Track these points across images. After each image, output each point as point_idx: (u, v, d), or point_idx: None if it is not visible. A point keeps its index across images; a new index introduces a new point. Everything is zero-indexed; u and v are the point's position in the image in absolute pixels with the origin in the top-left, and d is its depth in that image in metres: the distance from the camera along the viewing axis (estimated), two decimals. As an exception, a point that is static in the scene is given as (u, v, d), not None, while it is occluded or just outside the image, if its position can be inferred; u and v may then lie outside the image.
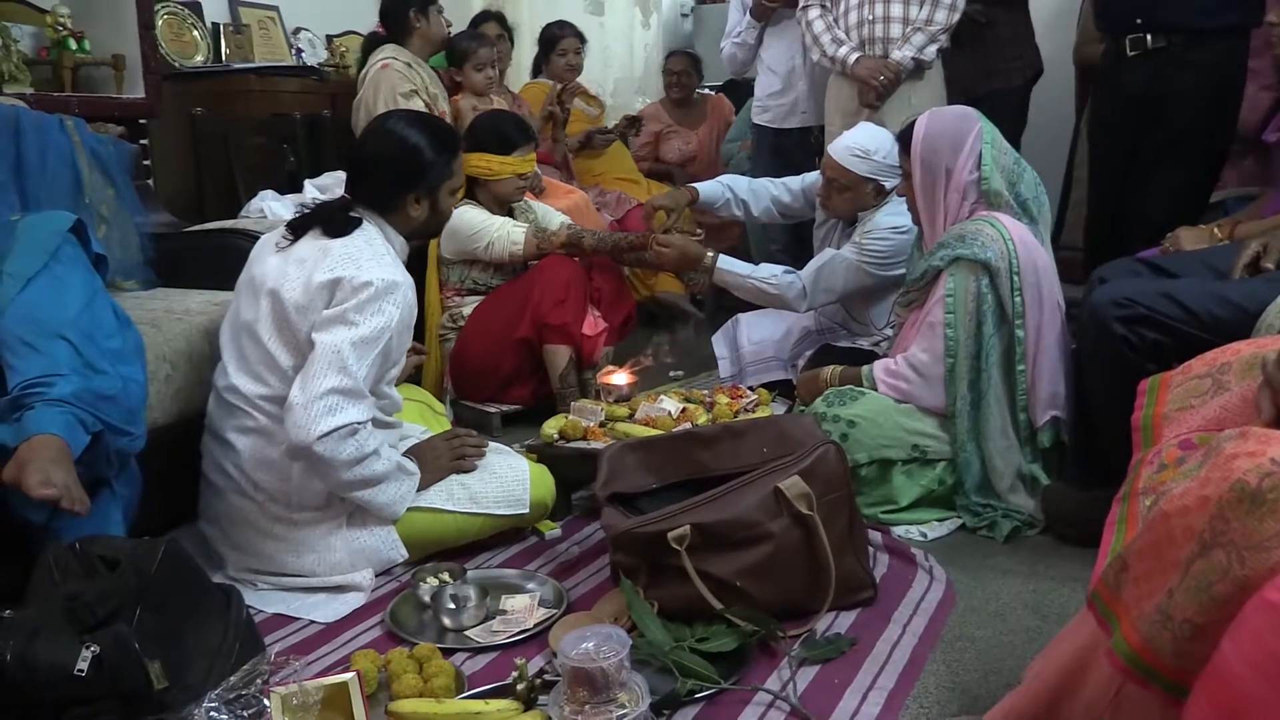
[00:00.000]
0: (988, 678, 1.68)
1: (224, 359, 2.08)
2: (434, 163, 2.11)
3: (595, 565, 2.13)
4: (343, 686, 1.51)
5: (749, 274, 2.90)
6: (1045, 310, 2.30)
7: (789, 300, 2.85)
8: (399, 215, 2.13)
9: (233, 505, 2.06)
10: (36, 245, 1.79)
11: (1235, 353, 1.26)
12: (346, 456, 1.91)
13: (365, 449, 1.94)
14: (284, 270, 2.01)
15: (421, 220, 2.16)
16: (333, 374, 1.90)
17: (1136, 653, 1.06)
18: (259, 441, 2.02)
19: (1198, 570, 0.99)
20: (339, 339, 1.91)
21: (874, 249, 2.75)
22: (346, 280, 1.95)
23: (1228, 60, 2.95)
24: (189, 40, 3.84)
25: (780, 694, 1.62)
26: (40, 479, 1.49)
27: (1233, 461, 0.99)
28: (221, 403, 2.07)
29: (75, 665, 1.35)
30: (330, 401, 1.89)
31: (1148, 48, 3.00)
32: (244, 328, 2.04)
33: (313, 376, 1.90)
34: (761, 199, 3.17)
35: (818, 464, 1.86)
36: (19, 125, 2.40)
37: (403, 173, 2.10)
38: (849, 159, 2.78)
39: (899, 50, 3.22)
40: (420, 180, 2.11)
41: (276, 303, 1.99)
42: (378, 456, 1.98)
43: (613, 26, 5.81)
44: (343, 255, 1.99)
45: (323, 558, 2.03)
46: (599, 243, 3.12)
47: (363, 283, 1.94)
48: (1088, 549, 1.73)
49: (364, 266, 1.97)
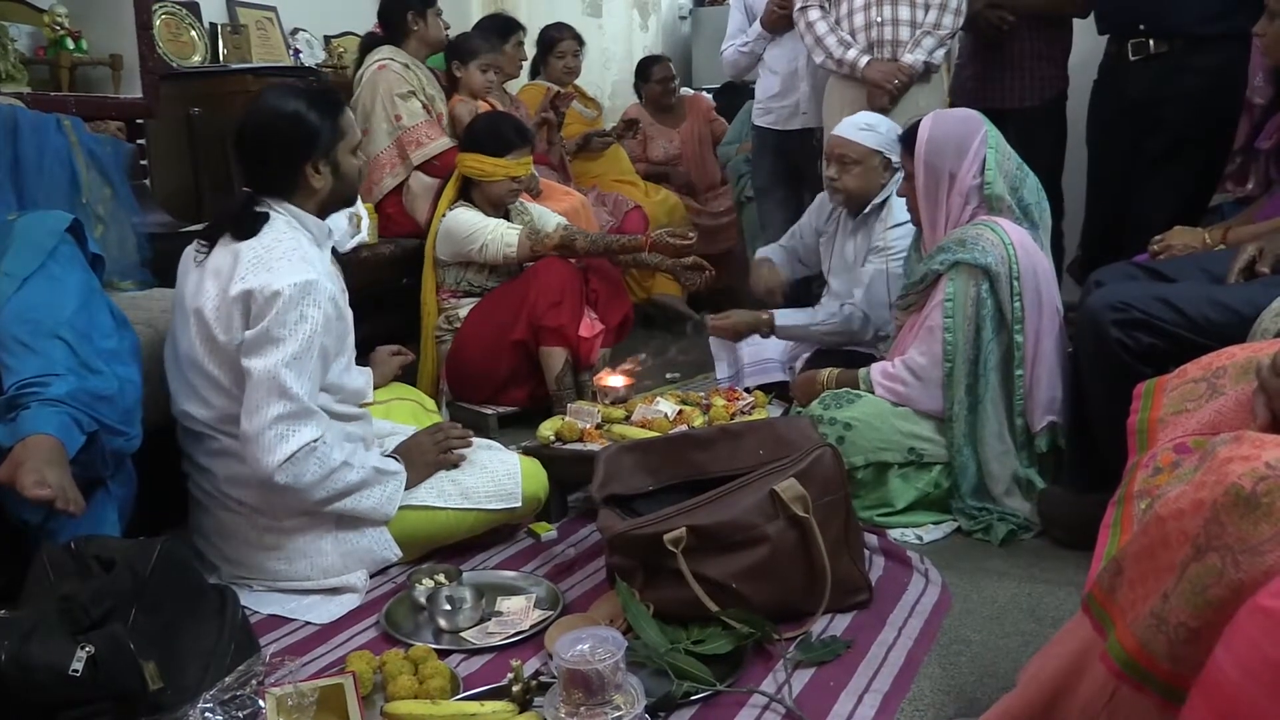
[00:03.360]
0: (983, 680, 1.68)
1: (171, 387, 2.03)
2: (319, 125, 2.00)
3: (591, 567, 2.13)
4: (338, 688, 1.51)
5: (809, 322, 2.92)
6: (1044, 315, 2.30)
7: (855, 332, 2.85)
8: (302, 192, 2.03)
9: (220, 520, 2.04)
10: (33, 245, 1.78)
11: (1230, 357, 1.26)
12: (311, 477, 1.89)
13: (330, 463, 1.91)
14: (201, 285, 1.95)
15: (328, 189, 2.05)
16: (274, 401, 1.85)
17: (1131, 656, 1.06)
18: (229, 461, 1.98)
19: (1192, 574, 0.99)
20: (270, 363, 1.85)
21: (899, 246, 2.77)
22: (257, 292, 1.87)
23: (1228, 65, 2.96)
24: (186, 40, 3.83)
25: (776, 696, 1.62)
26: (35, 479, 1.49)
27: (1227, 465, 0.99)
28: (183, 429, 2.04)
29: (70, 666, 1.35)
30: (279, 430, 1.85)
31: (1150, 52, 3.01)
32: (183, 355, 1.99)
33: (256, 408, 1.86)
34: (790, 255, 3.23)
35: (814, 466, 1.86)
36: (16, 125, 2.39)
37: (290, 144, 1.99)
38: (857, 133, 2.82)
39: (910, 54, 3.21)
40: (311, 147, 2.00)
41: (201, 322, 1.93)
42: (348, 467, 1.95)
43: (611, 28, 5.81)
44: (252, 261, 1.90)
45: (315, 563, 2.02)
46: (591, 244, 3.11)
47: (273, 293, 1.86)
48: (1083, 552, 1.73)
49: (274, 270, 1.88)
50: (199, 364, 1.95)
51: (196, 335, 1.95)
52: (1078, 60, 3.53)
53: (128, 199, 2.64)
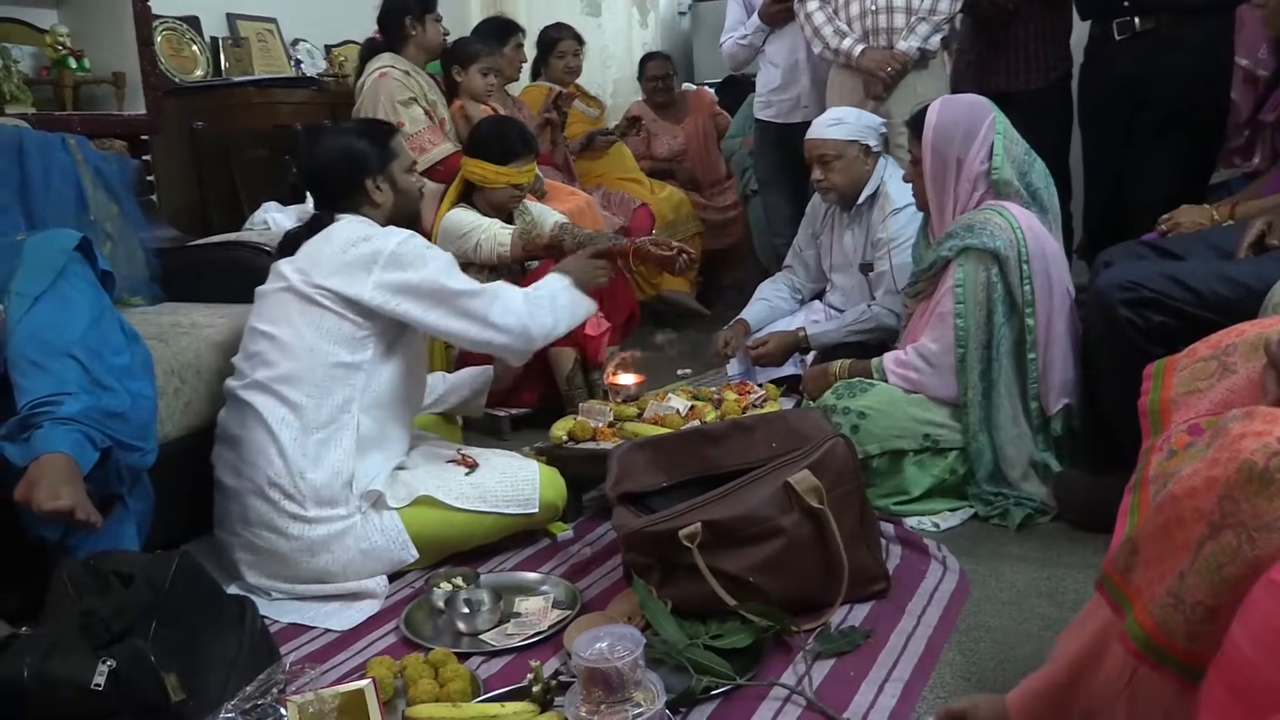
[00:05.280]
0: (1003, 666, 1.68)
1: (242, 361, 2.12)
2: (372, 147, 2.22)
3: (608, 565, 2.13)
4: (359, 694, 1.51)
5: (840, 326, 2.95)
6: (1055, 298, 2.29)
7: (888, 325, 2.85)
8: (368, 205, 2.22)
9: (248, 507, 2.06)
10: (43, 264, 1.79)
11: (1240, 334, 1.25)
12: (543, 315, 2.15)
13: (536, 301, 2.17)
14: (306, 261, 2.09)
15: (391, 203, 2.25)
16: (464, 305, 2.08)
17: (1149, 636, 1.06)
18: (264, 435, 2.02)
19: (1208, 552, 0.99)
20: (428, 281, 2.06)
21: (904, 235, 2.78)
22: (378, 251, 2.05)
23: (1215, 37, 2.95)
24: (188, 55, 3.85)
25: (796, 688, 1.62)
26: (50, 495, 1.50)
27: (1240, 442, 0.98)
28: (236, 403, 2.09)
29: (92, 680, 1.35)
30: (493, 311, 2.09)
31: (1136, 30, 3.00)
32: (262, 330, 2.10)
33: (463, 323, 2.09)
34: (784, 292, 3.24)
35: (827, 457, 1.86)
36: (22, 146, 2.41)
37: (351, 165, 2.20)
38: (827, 130, 2.87)
39: (904, 41, 3.20)
40: (369, 164, 2.21)
41: (304, 283, 2.06)
42: (539, 300, 2.18)
43: (610, 27, 5.81)
44: (359, 235, 2.09)
45: (336, 557, 2.03)
46: (579, 245, 3.08)
47: (395, 246, 2.06)
48: (1101, 535, 1.74)
49: (377, 235, 2.10)
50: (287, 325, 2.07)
51: (295, 298, 2.07)
52: (1076, 41, 3.51)
53: (135, 215, 2.65)
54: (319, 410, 2.03)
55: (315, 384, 2.04)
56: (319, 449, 2.02)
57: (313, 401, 2.03)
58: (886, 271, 2.86)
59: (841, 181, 2.88)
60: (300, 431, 2.02)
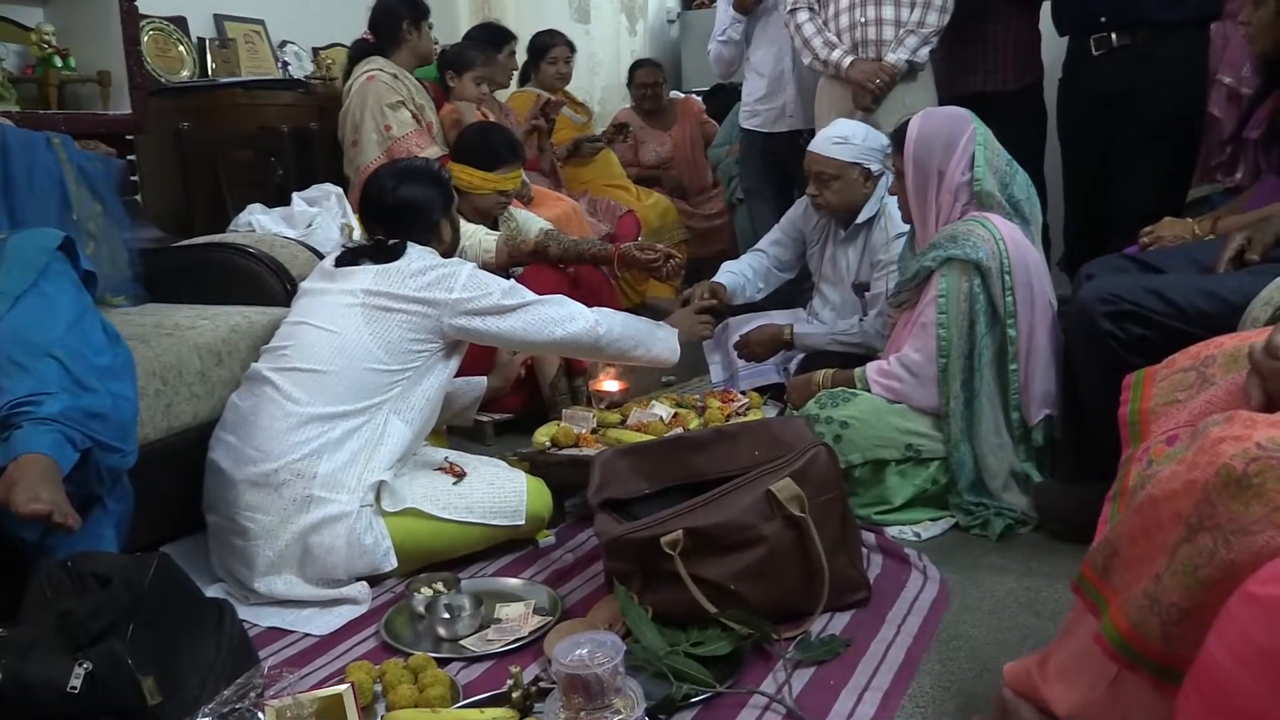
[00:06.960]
0: (983, 675, 1.68)
1: (282, 342, 2.18)
2: (443, 193, 2.38)
3: (589, 572, 2.13)
4: (337, 698, 1.51)
5: (828, 331, 2.95)
6: (1037, 309, 2.30)
7: (873, 342, 2.84)
8: (436, 240, 2.34)
9: (250, 489, 2.05)
10: (25, 263, 1.78)
11: (1219, 346, 1.27)
12: (608, 340, 2.30)
13: (610, 332, 2.30)
14: (384, 278, 2.17)
15: (451, 240, 2.42)
16: (534, 310, 2.24)
17: (1124, 637, 1.06)
18: (285, 417, 2.06)
19: (1184, 554, 0.99)
20: (497, 299, 2.20)
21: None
22: (455, 274, 2.18)
23: (1192, 52, 2.98)
24: (175, 55, 3.83)
25: (776, 696, 1.62)
26: (28, 497, 1.48)
27: (1219, 446, 0.99)
28: (260, 383, 2.12)
29: (68, 682, 1.35)
30: (559, 319, 2.25)
31: (1113, 46, 3.02)
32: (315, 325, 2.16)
33: (539, 332, 2.24)
34: (762, 268, 3.20)
35: (809, 466, 1.87)
36: (5, 144, 2.39)
37: (431, 206, 2.33)
38: (831, 148, 2.82)
39: (893, 53, 3.22)
40: (446, 202, 2.37)
41: (382, 295, 2.14)
42: (618, 337, 2.32)
43: (599, 34, 5.81)
44: (437, 262, 2.21)
45: (323, 541, 2.02)
46: (564, 251, 3.09)
47: (469, 271, 2.21)
48: (1081, 545, 1.73)
49: (451, 262, 2.25)
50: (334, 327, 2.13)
51: (359, 306, 2.14)
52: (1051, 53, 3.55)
53: (119, 215, 2.63)
54: (351, 404, 2.09)
55: (358, 383, 2.10)
56: (341, 439, 2.06)
57: (350, 397, 2.09)
58: (883, 294, 2.85)
59: (836, 201, 2.87)
60: (325, 421, 2.06)
